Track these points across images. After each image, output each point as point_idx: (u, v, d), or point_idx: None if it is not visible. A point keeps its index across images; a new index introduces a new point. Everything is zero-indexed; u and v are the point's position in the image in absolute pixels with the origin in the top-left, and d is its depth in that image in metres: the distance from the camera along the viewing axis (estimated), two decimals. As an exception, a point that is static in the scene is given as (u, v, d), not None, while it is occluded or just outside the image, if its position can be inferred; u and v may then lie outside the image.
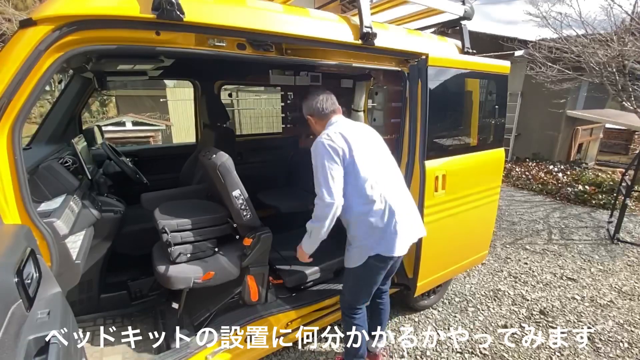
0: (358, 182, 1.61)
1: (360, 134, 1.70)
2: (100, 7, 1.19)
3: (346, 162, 1.59)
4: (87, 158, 2.30)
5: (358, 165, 1.59)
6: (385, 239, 1.63)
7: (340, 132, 1.62)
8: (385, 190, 1.65)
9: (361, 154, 1.61)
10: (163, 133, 9.81)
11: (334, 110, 1.76)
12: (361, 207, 1.63)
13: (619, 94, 5.42)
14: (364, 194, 1.61)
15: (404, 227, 1.65)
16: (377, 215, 1.62)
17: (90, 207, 1.81)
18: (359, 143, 1.63)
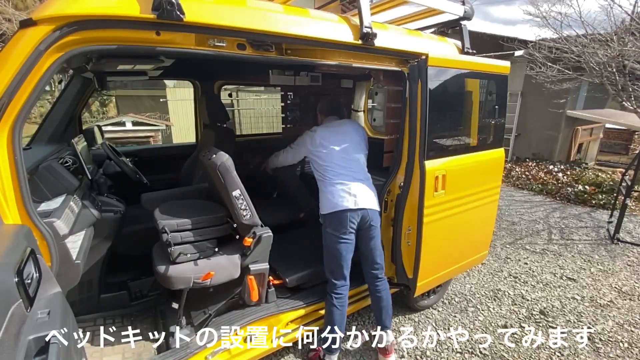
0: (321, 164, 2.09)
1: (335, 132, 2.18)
2: (100, 7, 1.19)
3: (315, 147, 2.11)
4: (87, 158, 2.30)
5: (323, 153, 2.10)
6: (333, 200, 1.99)
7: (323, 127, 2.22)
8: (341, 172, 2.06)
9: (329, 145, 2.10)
10: (163, 133, 9.80)
11: (332, 113, 2.35)
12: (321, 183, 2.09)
13: (619, 94, 5.42)
14: (324, 174, 2.07)
15: (349, 193, 1.98)
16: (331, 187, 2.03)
17: (90, 207, 1.81)
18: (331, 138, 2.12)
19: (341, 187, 1.99)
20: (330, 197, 1.99)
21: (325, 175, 2.06)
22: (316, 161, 2.10)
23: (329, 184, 2.03)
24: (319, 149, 2.08)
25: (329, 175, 2.04)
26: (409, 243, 2.19)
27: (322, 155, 2.07)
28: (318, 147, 2.09)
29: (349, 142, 2.12)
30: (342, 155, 2.07)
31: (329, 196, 2.00)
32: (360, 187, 2.03)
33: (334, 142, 2.09)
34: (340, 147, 2.09)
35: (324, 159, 2.07)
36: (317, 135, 2.12)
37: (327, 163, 2.06)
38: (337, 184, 2.01)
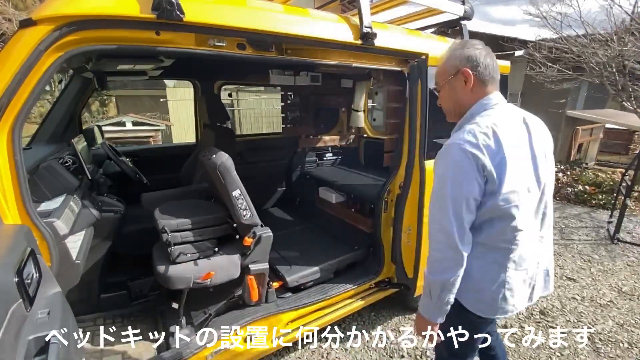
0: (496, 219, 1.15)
1: (523, 138, 1.16)
2: (100, 7, 1.19)
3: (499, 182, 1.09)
4: (87, 158, 2.30)
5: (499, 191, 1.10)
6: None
7: (499, 132, 1.09)
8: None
9: (522, 184, 1.12)
10: (163, 133, 9.80)
11: (494, 80, 1.19)
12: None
13: (619, 94, 5.42)
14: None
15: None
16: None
17: (90, 207, 1.81)
18: (520, 158, 1.13)
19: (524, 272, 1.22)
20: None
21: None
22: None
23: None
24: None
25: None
26: (409, 243, 2.19)
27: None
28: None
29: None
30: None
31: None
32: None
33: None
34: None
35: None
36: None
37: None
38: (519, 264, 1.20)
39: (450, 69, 1.18)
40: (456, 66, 1.17)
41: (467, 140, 1.07)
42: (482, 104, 1.17)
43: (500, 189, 1.08)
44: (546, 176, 1.20)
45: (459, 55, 1.17)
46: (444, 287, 1.14)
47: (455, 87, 1.19)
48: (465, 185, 1.08)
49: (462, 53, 1.16)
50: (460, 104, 1.20)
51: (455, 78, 1.18)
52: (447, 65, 1.20)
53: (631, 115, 6.50)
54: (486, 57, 1.16)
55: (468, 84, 1.16)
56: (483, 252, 1.18)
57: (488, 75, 1.16)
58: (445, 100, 1.26)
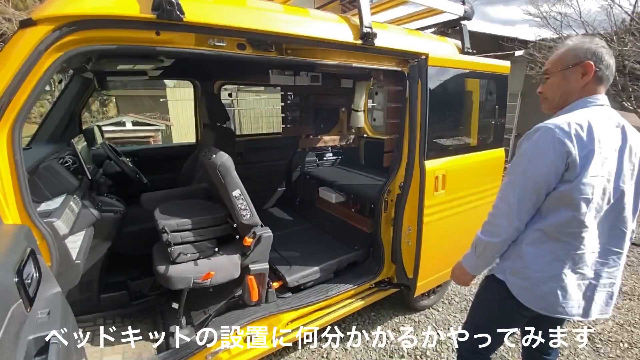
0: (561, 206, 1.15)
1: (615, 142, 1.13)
2: (100, 7, 1.19)
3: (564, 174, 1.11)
4: (87, 158, 2.30)
5: (578, 180, 1.10)
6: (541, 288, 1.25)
7: (589, 121, 1.09)
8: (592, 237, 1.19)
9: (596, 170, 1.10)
10: (163, 133, 9.80)
11: (608, 81, 1.18)
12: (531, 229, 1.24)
13: (619, 94, 5.43)
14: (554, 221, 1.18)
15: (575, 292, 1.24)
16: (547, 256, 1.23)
17: (90, 207, 1.81)
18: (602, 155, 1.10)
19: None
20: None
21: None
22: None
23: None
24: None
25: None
26: (409, 243, 2.19)
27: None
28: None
29: None
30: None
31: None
32: None
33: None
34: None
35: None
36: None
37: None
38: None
39: (572, 58, 1.15)
40: (579, 57, 1.14)
41: (558, 126, 1.08)
42: (586, 101, 1.16)
43: (580, 178, 1.08)
44: (628, 189, 1.16)
45: (586, 48, 1.14)
46: (487, 248, 1.26)
47: (569, 77, 1.17)
48: (540, 166, 1.10)
49: (590, 47, 1.14)
50: (568, 96, 1.19)
51: (574, 69, 1.15)
52: (568, 54, 1.16)
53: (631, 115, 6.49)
54: (610, 57, 1.15)
55: (585, 78, 1.14)
56: (542, 240, 1.19)
57: (606, 75, 1.15)
58: (552, 88, 1.22)
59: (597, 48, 1.13)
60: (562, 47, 1.20)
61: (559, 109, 1.21)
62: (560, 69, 1.18)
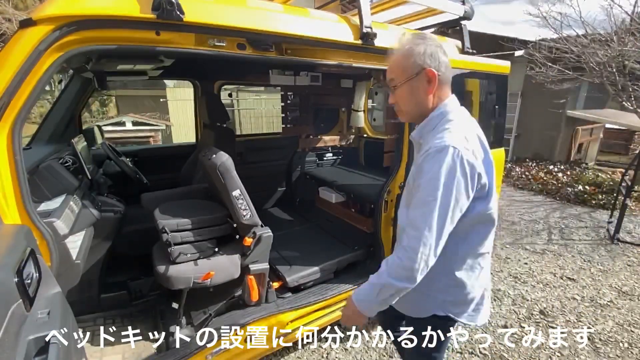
0: (477, 225, 1.12)
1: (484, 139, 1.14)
2: (100, 7, 1.19)
3: (479, 195, 1.06)
4: (87, 158, 2.29)
5: (492, 201, 1.09)
6: (475, 306, 1.22)
7: (477, 134, 1.09)
8: (491, 243, 1.20)
9: (493, 180, 1.08)
10: (163, 133, 9.80)
11: (450, 79, 1.13)
12: (467, 257, 1.15)
13: (619, 94, 5.43)
14: (481, 243, 1.15)
15: (488, 296, 1.27)
16: (476, 277, 1.18)
17: (90, 207, 1.81)
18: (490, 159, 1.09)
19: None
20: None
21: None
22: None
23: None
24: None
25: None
26: (409, 243, 2.19)
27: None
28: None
29: None
30: None
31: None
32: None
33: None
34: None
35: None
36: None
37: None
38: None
39: (412, 66, 1.04)
40: (419, 64, 1.04)
41: (460, 144, 0.98)
42: (443, 107, 1.10)
43: (490, 192, 1.05)
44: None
45: (423, 51, 1.03)
46: (398, 293, 1.05)
47: (416, 87, 1.07)
48: (456, 193, 0.97)
49: (426, 50, 1.03)
50: (423, 104, 1.09)
51: (418, 78, 1.05)
52: (408, 62, 1.05)
53: (631, 115, 6.50)
54: (444, 54, 1.07)
55: (432, 84, 1.06)
56: (472, 262, 1.15)
57: (447, 76, 1.08)
58: (404, 100, 1.11)
59: (432, 49, 1.04)
60: (398, 51, 1.08)
61: (422, 117, 1.12)
62: (405, 79, 1.07)
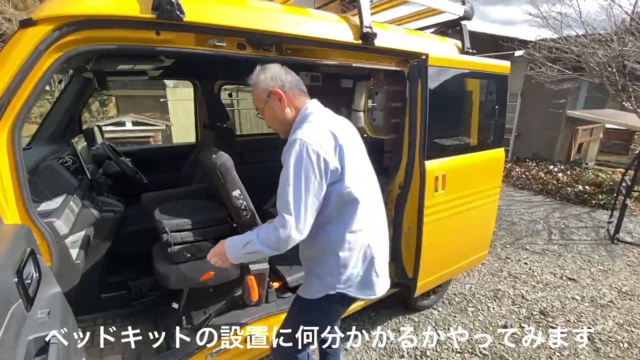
0: (344, 205, 1.25)
1: (348, 133, 1.30)
2: (100, 7, 1.19)
3: (334, 177, 1.20)
4: (87, 158, 2.30)
5: (347, 181, 1.22)
6: (365, 280, 1.34)
7: (329, 129, 1.21)
8: (370, 219, 1.33)
9: (352, 164, 1.23)
10: (163, 133, 9.80)
11: (303, 90, 1.32)
12: (344, 235, 1.27)
13: (619, 94, 5.43)
14: (352, 220, 1.27)
15: (383, 268, 1.38)
16: (358, 254, 1.30)
17: (90, 207, 1.81)
18: (349, 148, 1.24)
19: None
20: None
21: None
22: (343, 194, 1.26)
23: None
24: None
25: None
26: (409, 243, 2.19)
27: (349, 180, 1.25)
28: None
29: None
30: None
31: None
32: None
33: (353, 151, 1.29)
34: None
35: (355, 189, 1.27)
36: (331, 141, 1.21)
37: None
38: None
39: (263, 92, 1.27)
40: (266, 89, 1.26)
41: (305, 137, 1.15)
42: (303, 112, 1.28)
43: (344, 175, 1.20)
44: (368, 168, 1.38)
45: (264, 78, 1.26)
46: (259, 254, 1.26)
47: (273, 107, 1.28)
48: (304, 177, 1.14)
49: (267, 75, 1.26)
50: (285, 120, 1.29)
51: (271, 99, 1.27)
52: (259, 90, 1.28)
53: (631, 115, 6.50)
54: (287, 73, 1.28)
55: (283, 101, 1.26)
56: (351, 241, 1.28)
57: (291, 89, 1.27)
58: (272, 121, 1.33)
59: (272, 73, 1.26)
60: (251, 86, 1.30)
61: (290, 127, 1.29)
62: (263, 104, 1.28)
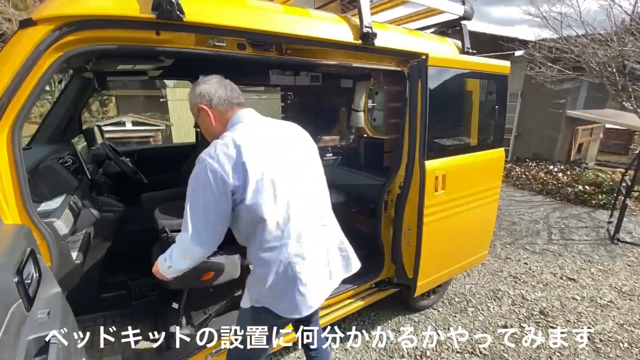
0: (254, 223, 1.20)
1: (274, 145, 1.24)
2: (100, 7, 1.19)
3: (238, 195, 1.16)
4: (87, 158, 2.30)
5: (250, 199, 1.15)
6: (286, 299, 1.26)
7: (241, 144, 1.15)
8: (297, 235, 1.23)
9: (263, 179, 1.16)
10: (163, 133, 9.80)
11: (240, 103, 1.31)
12: (258, 253, 1.24)
13: (619, 94, 5.43)
14: (263, 238, 1.21)
15: (314, 284, 1.28)
16: (276, 272, 1.22)
17: (90, 207, 1.81)
18: (263, 162, 1.17)
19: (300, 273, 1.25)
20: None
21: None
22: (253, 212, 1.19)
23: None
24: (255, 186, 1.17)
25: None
26: (409, 243, 2.19)
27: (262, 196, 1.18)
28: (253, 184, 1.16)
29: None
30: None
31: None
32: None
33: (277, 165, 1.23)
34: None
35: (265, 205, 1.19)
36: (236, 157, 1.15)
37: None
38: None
39: (194, 107, 1.30)
40: (196, 104, 1.28)
41: (209, 154, 1.15)
42: (231, 123, 1.27)
43: (246, 194, 1.15)
44: (309, 170, 1.32)
45: (194, 93, 1.28)
46: (174, 270, 1.27)
47: (204, 120, 1.29)
48: (203, 196, 1.15)
49: (196, 91, 1.27)
50: (216, 134, 1.27)
51: (201, 114, 1.28)
52: (191, 104, 1.31)
53: (631, 115, 6.50)
54: (220, 86, 1.28)
55: (210, 117, 1.27)
56: (264, 259, 1.23)
57: (223, 104, 1.27)
58: (205, 133, 1.34)
59: (201, 89, 1.27)
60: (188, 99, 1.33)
61: (212, 138, 1.28)
62: (196, 118, 1.33)
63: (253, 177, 1.15)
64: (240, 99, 1.31)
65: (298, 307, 1.26)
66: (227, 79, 1.35)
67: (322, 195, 1.37)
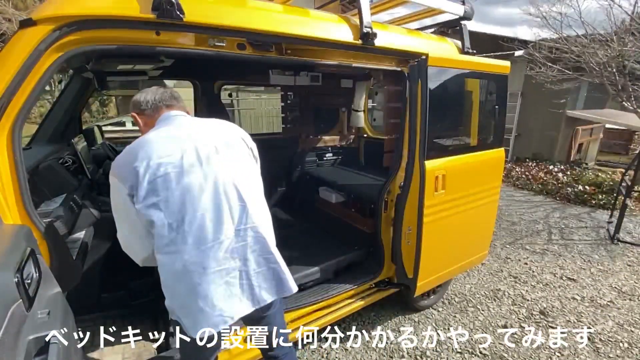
0: (148, 225, 1.16)
1: (186, 140, 1.19)
2: (100, 7, 1.19)
3: (136, 200, 1.12)
4: (87, 158, 2.29)
5: (143, 203, 1.11)
6: (190, 314, 1.18)
7: (143, 146, 1.15)
8: (196, 237, 1.13)
9: (159, 182, 1.11)
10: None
11: (170, 105, 1.30)
12: (156, 255, 1.17)
13: (619, 94, 5.43)
14: (157, 242, 1.15)
15: (220, 299, 1.16)
16: (173, 279, 1.16)
17: (90, 207, 1.80)
18: (167, 156, 1.13)
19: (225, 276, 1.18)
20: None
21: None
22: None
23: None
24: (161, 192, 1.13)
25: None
26: (409, 243, 2.19)
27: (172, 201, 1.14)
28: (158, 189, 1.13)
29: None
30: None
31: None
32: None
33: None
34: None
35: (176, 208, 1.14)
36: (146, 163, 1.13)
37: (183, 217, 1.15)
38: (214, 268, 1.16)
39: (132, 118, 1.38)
40: (131, 114, 1.37)
41: (114, 161, 1.21)
42: (157, 123, 1.30)
43: (140, 194, 1.12)
44: (228, 170, 1.22)
45: (131, 105, 1.35)
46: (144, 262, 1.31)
47: (139, 127, 1.36)
48: (115, 202, 1.23)
49: (132, 101, 1.34)
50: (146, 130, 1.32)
51: (136, 122, 1.37)
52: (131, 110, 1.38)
53: (631, 115, 6.50)
54: (147, 95, 1.31)
55: (140, 123, 1.35)
56: (161, 263, 1.16)
57: (150, 108, 1.31)
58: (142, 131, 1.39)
59: (135, 98, 1.32)
60: None
61: None
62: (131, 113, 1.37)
63: (145, 178, 1.11)
64: (172, 102, 1.32)
65: (200, 323, 1.15)
66: (170, 88, 1.39)
67: (245, 198, 1.22)
